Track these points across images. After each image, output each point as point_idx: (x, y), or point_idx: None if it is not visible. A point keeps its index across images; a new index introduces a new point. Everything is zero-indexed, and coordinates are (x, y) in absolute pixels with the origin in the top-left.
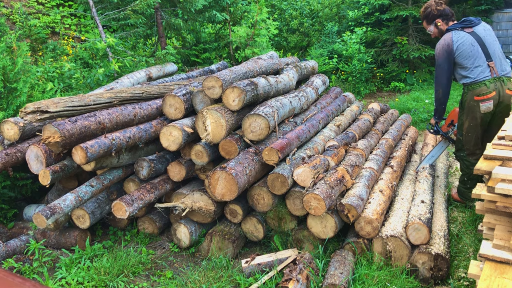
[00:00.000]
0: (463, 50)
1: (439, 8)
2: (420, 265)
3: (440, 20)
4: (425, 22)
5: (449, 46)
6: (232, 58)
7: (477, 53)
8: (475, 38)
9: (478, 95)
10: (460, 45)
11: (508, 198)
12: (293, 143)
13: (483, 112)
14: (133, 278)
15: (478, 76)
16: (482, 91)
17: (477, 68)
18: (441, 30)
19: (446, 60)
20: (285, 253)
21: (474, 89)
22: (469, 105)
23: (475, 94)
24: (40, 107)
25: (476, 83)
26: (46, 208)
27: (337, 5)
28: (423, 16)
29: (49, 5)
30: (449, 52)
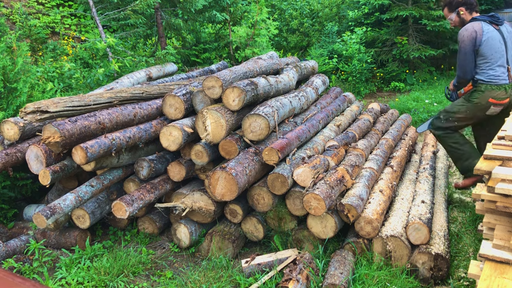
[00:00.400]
0: (492, 43)
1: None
2: (420, 265)
3: (464, 9)
4: (446, 9)
5: (477, 33)
6: (232, 58)
7: (503, 52)
8: (501, 36)
9: (495, 98)
10: (490, 38)
11: (508, 198)
12: (293, 143)
13: (487, 114)
14: (133, 278)
15: (499, 77)
16: (500, 95)
17: (500, 67)
18: (462, 20)
19: (471, 49)
20: (285, 253)
21: (493, 91)
22: (480, 103)
23: (492, 96)
24: (40, 107)
25: (497, 85)
26: (46, 208)
27: (337, 5)
28: (446, 3)
29: (49, 5)
30: (476, 40)
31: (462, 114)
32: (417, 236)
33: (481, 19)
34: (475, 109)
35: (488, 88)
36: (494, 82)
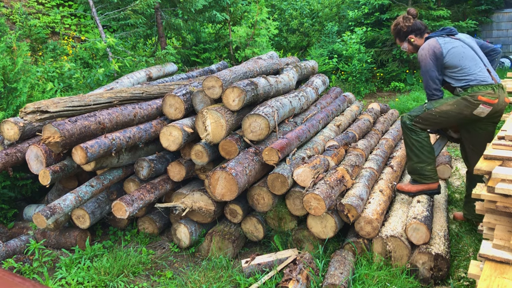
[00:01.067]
0: (455, 52)
1: (408, 24)
2: (420, 265)
3: (413, 36)
4: (397, 40)
5: (436, 49)
6: (232, 58)
7: (474, 56)
8: (465, 43)
9: (484, 96)
10: (451, 49)
11: (508, 198)
12: (293, 143)
13: (474, 114)
14: (133, 278)
15: (484, 78)
16: (488, 94)
17: (481, 71)
18: (416, 46)
19: (434, 66)
20: (285, 253)
21: (480, 90)
22: (468, 99)
23: (480, 94)
24: (40, 107)
25: (483, 85)
26: (46, 208)
27: (337, 5)
28: (395, 34)
29: (49, 5)
30: (437, 56)
31: (447, 107)
32: (418, 236)
33: (434, 35)
34: (462, 105)
35: (475, 89)
36: (480, 82)
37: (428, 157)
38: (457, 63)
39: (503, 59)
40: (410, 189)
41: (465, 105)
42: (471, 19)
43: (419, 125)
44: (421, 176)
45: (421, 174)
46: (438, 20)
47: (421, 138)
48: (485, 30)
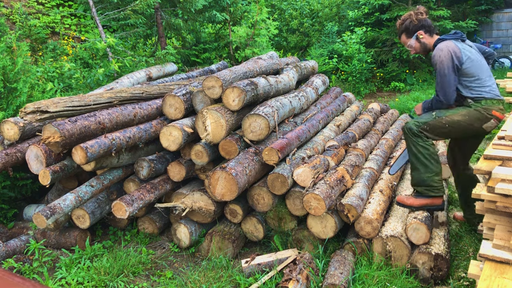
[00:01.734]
0: (474, 60)
1: (420, 17)
2: (420, 265)
3: (423, 32)
4: (404, 36)
5: (456, 53)
6: (232, 58)
7: (487, 67)
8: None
9: (497, 110)
10: (470, 56)
11: (508, 198)
12: (293, 143)
13: (483, 127)
14: (133, 278)
15: (497, 93)
16: (501, 109)
17: (494, 84)
18: (424, 44)
19: (452, 70)
20: (285, 253)
21: (494, 105)
22: (480, 112)
23: (494, 109)
24: (40, 107)
25: (496, 100)
26: (46, 208)
27: (337, 5)
28: (402, 29)
29: (49, 5)
30: (455, 59)
31: (459, 117)
32: (418, 236)
33: (449, 38)
34: (475, 116)
35: (489, 103)
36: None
37: (436, 166)
38: (474, 72)
39: (503, 59)
40: (412, 203)
41: (477, 117)
42: (471, 19)
43: (425, 133)
44: (429, 188)
45: (429, 185)
46: (438, 20)
47: (428, 145)
48: (485, 30)
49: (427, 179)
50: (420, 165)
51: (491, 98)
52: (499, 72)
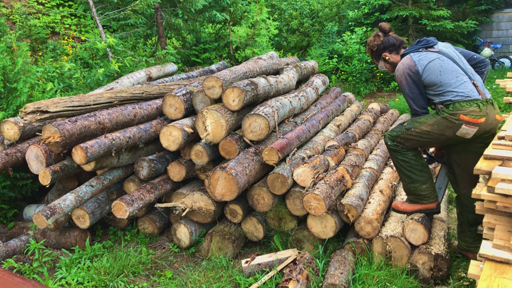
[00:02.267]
0: (432, 67)
1: (377, 42)
2: (420, 265)
3: (387, 53)
4: (374, 60)
5: (411, 68)
6: (232, 58)
7: (454, 68)
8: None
9: (466, 114)
10: (427, 64)
11: (508, 198)
12: (293, 143)
13: (457, 135)
14: (133, 278)
15: (469, 93)
16: (472, 112)
17: (464, 84)
18: (392, 63)
19: (414, 86)
20: (285, 253)
21: (463, 108)
22: (449, 118)
23: (463, 113)
24: (40, 107)
25: (466, 101)
26: (46, 208)
27: (337, 5)
28: (370, 55)
29: (49, 5)
30: (414, 76)
31: (427, 127)
32: (415, 236)
33: (408, 51)
34: (443, 124)
35: (457, 107)
36: (463, 98)
37: (420, 176)
38: (435, 80)
39: (503, 59)
40: (405, 208)
41: (446, 125)
42: (471, 19)
43: (401, 146)
44: (417, 196)
45: (416, 194)
46: (438, 20)
47: (408, 158)
48: (485, 30)
49: (414, 189)
50: (404, 176)
51: (459, 100)
52: (499, 72)
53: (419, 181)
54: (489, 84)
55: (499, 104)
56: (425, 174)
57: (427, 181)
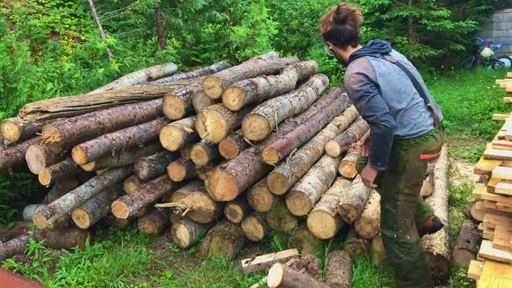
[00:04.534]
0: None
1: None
2: None
3: (331, 43)
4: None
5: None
6: (232, 58)
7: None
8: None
9: (425, 152)
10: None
11: (508, 198)
12: (293, 143)
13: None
14: (133, 278)
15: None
16: (431, 147)
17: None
18: (337, 55)
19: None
20: (285, 253)
21: (420, 144)
22: (413, 166)
23: (422, 152)
24: (40, 107)
25: (422, 136)
26: (46, 208)
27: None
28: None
29: (49, 5)
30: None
31: (406, 190)
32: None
33: (363, 53)
34: (413, 175)
35: (413, 144)
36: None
37: (422, 279)
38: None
39: (503, 59)
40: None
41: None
42: (471, 19)
43: (405, 227)
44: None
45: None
46: (438, 20)
47: (415, 257)
48: (485, 30)
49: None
50: (402, 274)
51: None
52: (499, 72)
53: (419, 285)
54: (489, 84)
55: (499, 104)
56: (426, 277)
57: (428, 286)
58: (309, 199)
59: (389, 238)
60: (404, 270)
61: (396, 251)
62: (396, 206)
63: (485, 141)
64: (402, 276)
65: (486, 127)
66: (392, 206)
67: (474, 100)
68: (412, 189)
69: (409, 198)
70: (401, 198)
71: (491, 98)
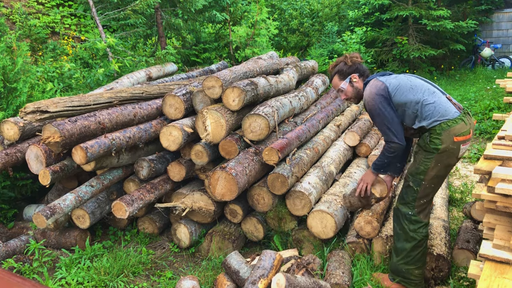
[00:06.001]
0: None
1: (355, 60)
2: None
3: (357, 76)
4: (336, 78)
5: (379, 87)
6: (232, 58)
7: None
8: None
9: (458, 135)
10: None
11: (508, 198)
12: (293, 143)
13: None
14: (133, 278)
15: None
16: (462, 129)
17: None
18: (356, 89)
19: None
20: (285, 253)
21: (451, 127)
22: (447, 148)
23: (455, 134)
24: (40, 107)
25: (451, 120)
26: (46, 208)
27: (337, 5)
28: (335, 71)
29: (49, 5)
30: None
31: (434, 171)
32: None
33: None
34: (444, 158)
35: (445, 127)
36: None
37: (419, 260)
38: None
39: (503, 59)
40: (387, 285)
41: (447, 156)
42: (471, 19)
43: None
44: (405, 280)
45: (405, 278)
46: (438, 20)
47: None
48: (485, 30)
49: (405, 271)
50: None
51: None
52: (499, 72)
53: (415, 265)
54: (489, 84)
55: (499, 104)
56: (423, 259)
57: (422, 267)
58: (309, 199)
59: (402, 213)
60: (407, 245)
61: (405, 227)
62: (419, 185)
63: (485, 141)
64: (403, 253)
65: (486, 127)
66: (416, 184)
67: (474, 100)
68: (441, 171)
69: (434, 180)
70: (427, 178)
71: (491, 98)
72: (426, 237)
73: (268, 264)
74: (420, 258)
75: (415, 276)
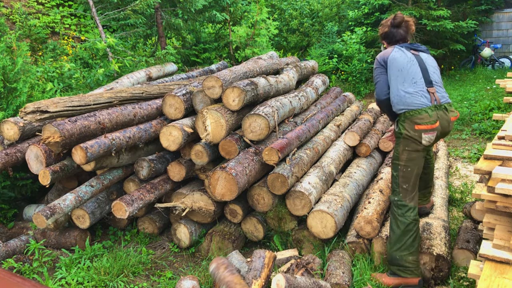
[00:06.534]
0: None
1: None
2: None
3: (386, 43)
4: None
5: (385, 55)
6: (232, 58)
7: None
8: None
9: (420, 123)
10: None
11: (508, 198)
12: (293, 143)
13: (424, 144)
14: (133, 278)
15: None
16: (424, 119)
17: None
18: None
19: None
20: (285, 253)
21: (413, 116)
22: (409, 134)
23: (416, 123)
24: (40, 107)
25: (414, 110)
26: (46, 208)
27: (337, 5)
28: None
29: (49, 5)
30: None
31: (405, 155)
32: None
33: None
34: (411, 142)
35: (408, 116)
36: (411, 107)
37: (411, 245)
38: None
39: (503, 59)
40: (386, 282)
41: (412, 141)
42: (471, 19)
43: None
44: (401, 268)
45: (400, 265)
46: (438, 20)
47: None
48: (485, 30)
49: (400, 258)
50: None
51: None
52: (499, 72)
53: (407, 250)
54: (489, 84)
55: (499, 104)
56: (416, 244)
57: (415, 254)
58: (309, 199)
59: (391, 201)
60: (397, 231)
61: (394, 213)
62: (397, 170)
63: (485, 141)
64: (395, 239)
65: (486, 127)
66: (395, 169)
67: (474, 100)
68: (411, 154)
69: (408, 163)
70: (401, 163)
71: (491, 98)
72: (415, 220)
73: (259, 264)
74: (412, 243)
75: (410, 262)
